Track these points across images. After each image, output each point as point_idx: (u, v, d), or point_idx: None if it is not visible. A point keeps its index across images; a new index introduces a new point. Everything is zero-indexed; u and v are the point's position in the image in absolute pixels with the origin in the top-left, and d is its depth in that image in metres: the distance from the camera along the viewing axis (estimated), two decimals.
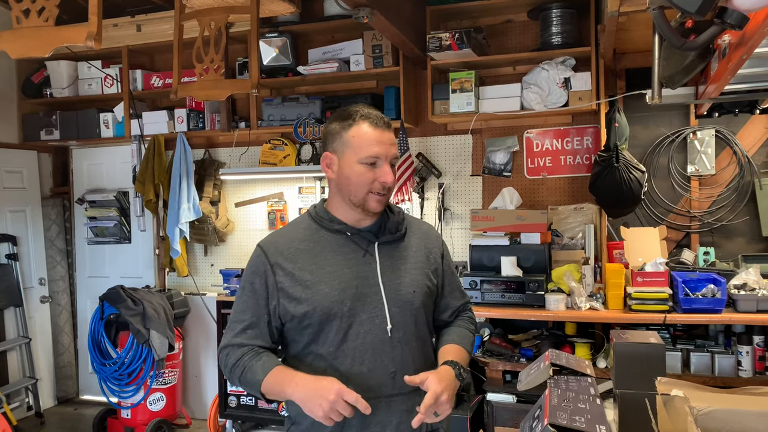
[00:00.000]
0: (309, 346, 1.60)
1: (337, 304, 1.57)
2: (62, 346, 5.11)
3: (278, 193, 4.55)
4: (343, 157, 1.60)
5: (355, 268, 1.61)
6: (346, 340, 1.57)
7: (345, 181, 1.60)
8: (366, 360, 1.57)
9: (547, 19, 3.68)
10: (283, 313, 1.60)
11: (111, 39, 4.46)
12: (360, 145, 1.57)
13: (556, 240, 3.72)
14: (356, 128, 1.58)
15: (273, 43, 4.12)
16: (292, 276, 1.59)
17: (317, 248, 1.63)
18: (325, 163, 1.64)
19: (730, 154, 3.63)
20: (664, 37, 1.73)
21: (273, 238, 1.69)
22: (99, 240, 5.01)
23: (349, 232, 1.64)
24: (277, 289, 1.60)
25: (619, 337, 2.15)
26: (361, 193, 1.59)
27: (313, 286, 1.58)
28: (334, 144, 1.62)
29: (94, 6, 2.10)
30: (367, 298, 1.60)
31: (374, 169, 1.58)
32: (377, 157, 1.58)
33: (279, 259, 1.61)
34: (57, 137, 4.79)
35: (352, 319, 1.58)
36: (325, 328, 1.58)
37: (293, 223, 1.74)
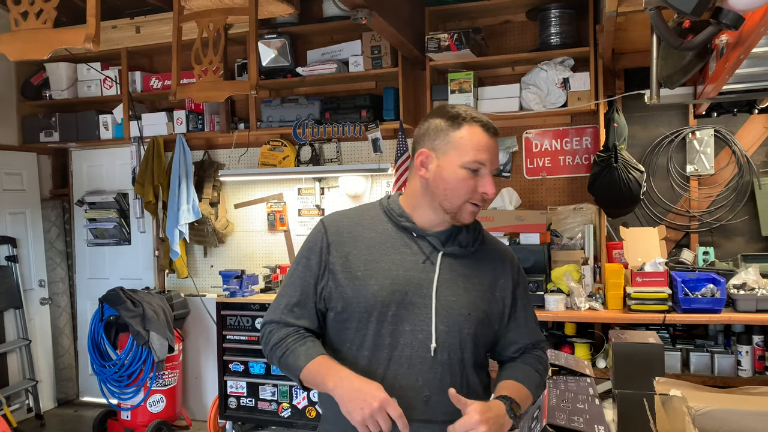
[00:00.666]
0: (345, 345, 1.49)
1: (381, 305, 1.44)
2: (62, 348, 5.11)
3: (278, 194, 4.55)
4: (445, 157, 1.44)
5: (410, 272, 1.47)
6: (382, 348, 1.44)
7: (442, 183, 1.44)
8: (400, 375, 1.43)
9: (546, 20, 3.69)
10: (327, 298, 1.49)
11: (110, 41, 4.46)
12: (468, 148, 1.43)
13: (556, 240, 3.72)
14: (467, 129, 1.44)
15: (272, 44, 4.12)
16: (345, 260, 1.49)
17: (378, 240, 1.50)
18: (419, 160, 1.48)
19: (729, 154, 3.63)
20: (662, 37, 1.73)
21: (337, 216, 1.59)
22: (99, 242, 5.01)
23: (415, 233, 1.51)
24: (327, 270, 1.50)
25: (618, 338, 2.15)
26: (458, 200, 1.45)
27: (361, 278, 1.46)
28: (436, 141, 1.46)
29: (92, 8, 2.10)
30: (414, 308, 1.45)
31: (476, 177, 1.44)
32: (483, 164, 1.44)
33: (337, 238, 1.51)
34: (56, 139, 4.79)
35: (394, 327, 1.44)
36: (363, 327, 1.46)
37: (362, 207, 1.62)
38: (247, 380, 4.17)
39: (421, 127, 1.52)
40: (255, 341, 4.16)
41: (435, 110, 1.52)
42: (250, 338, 4.17)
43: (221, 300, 4.23)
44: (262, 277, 4.32)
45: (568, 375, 2.30)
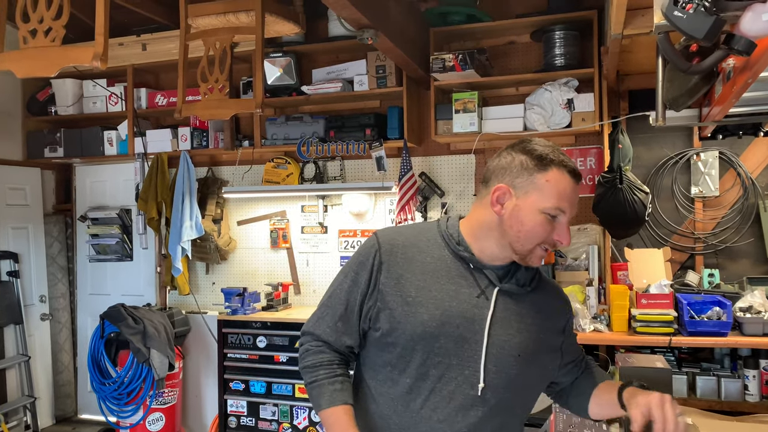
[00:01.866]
0: (386, 367, 1.44)
1: (429, 336, 1.39)
2: (62, 365, 5.07)
3: (281, 211, 4.55)
4: (526, 198, 1.37)
5: (464, 305, 1.41)
6: (426, 378, 1.39)
7: (517, 224, 1.38)
8: (439, 409, 1.38)
9: (550, 41, 3.70)
10: (373, 318, 1.44)
11: (116, 58, 4.49)
12: (552, 194, 1.36)
13: (560, 261, 3.70)
14: (554, 173, 1.37)
15: (277, 62, 4.14)
16: (397, 282, 1.42)
17: (433, 265, 1.44)
18: (496, 195, 1.40)
19: (733, 176, 3.62)
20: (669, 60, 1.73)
21: (393, 234, 1.51)
22: (101, 257, 4.99)
23: (472, 264, 1.44)
24: (377, 290, 1.43)
25: (625, 361, 2.13)
26: (531, 244, 1.38)
27: (412, 305, 1.40)
28: (518, 180, 1.39)
29: (101, 26, 2.11)
30: (464, 343, 1.39)
31: (553, 223, 1.38)
32: (564, 211, 1.38)
33: (390, 258, 1.45)
34: (61, 155, 4.80)
35: (440, 359, 1.39)
36: (407, 354, 1.40)
37: (418, 227, 1.56)
38: (247, 399, 4.13)
39: (500, 159, 1.44)
40: (256, 360, 4.13)
41: (518, 145, 1.43)
42: (251, 356, 4.14)
43: (222, 317, 4.21)
44: (264, 295, 4.30)
45: None
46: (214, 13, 3.29)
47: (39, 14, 2.22)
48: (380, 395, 1.45)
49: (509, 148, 1.44)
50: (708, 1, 1.11)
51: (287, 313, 4.19)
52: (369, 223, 4.34)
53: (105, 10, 2.13)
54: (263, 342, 4.11)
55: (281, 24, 3.43)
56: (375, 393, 1.46)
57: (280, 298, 4.30)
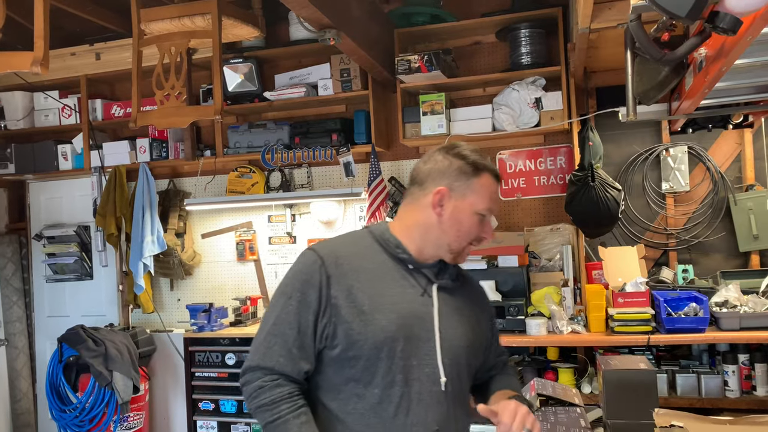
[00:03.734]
0: (350, 382, 1.43)
1: (392, 341, 1.41)
2: (20, 392, 4.81)
3: (247, 222, 4.40)
4: (463, 200, 1.48)
5: (413, 306, 1.47)
6: (394, 385, 1.41)
7: (454, 224, 1.48)
8: (411, 411, 1.42)
9: (516, 40, 3.66)
10: (330, 336, 1.42)
11: (69, 68, 4.31)
12: (484, 196, 1.49)
13: (534, 262, 3.64)
14: (486, 178, 1.50)
15: (238, 69, 4.01)
16: (348, 294, 1.42)
17: (378, 271, 1.47)
18: (437, 197, 1.48)
19: (703, 170, 3.62)
20: (643, 48, 1.67)
21: (332, 247, 1.51)
22: (59, 277, 4.76)
23: (411, 265, 1.51)
24: (329, 305, 1.42)
25: (607, 364, 2.05)
26: (464, 242, 1.50)
27: (369, 313, 1.41)
28: (456, 183, 1.48)
29: (40, 30, 1.96)
30: (420, 342, 1.45)
31: (482, 222, 1.50)
32: (491, 211, 1.52)
33: (337, 270, 1.44)
34: (12, 171, 4.57)
35: (404, 362, 1.42)
36: (373, 365, 1.41)
37: (353, 235, 1.59)
38: (218, 419, 3.97)
39: (435, 162, 1.51)
40: (225, 378, 3.96)
41: (452, 150, 1.51)
42: (220, 375, 3.97)
43: (189, 335, 4.05)
44: (232, 310, 4.13)
45: (556, 405, 2.19)
46: (168, 18, 3.16)
47: None
48: (347, 414, 1.42)
49: (443, 152, 1.52)
50: None
51: (256, 328, 4.03)
52: (339, 230, 4.22)
53: (44, 13, 1.98)
54: (232, 359, 3.95)
55: (240, 27, 3.32)
56: (340, 413, 1.43)
57: (249, 312, 4.14)
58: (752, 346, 3.09)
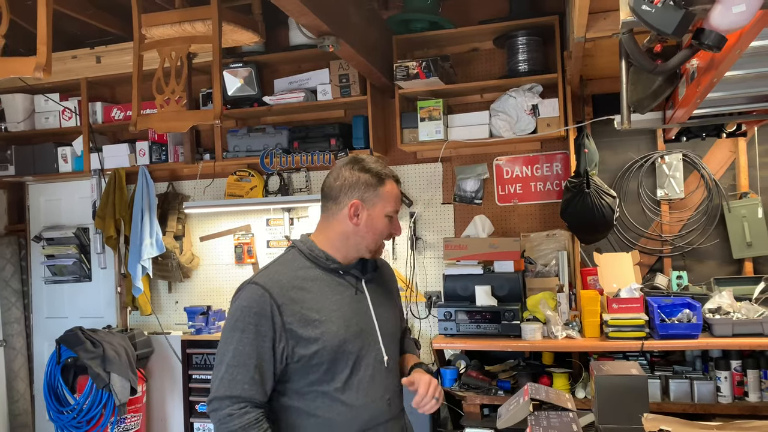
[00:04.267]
0: (314, 385, 1.65)
1: (345, 342, 1.66)
2: (17, 393, 4.83)
3: (245, 225, 4.43)
4: (374, 208, 1.73)
5: (352, 305, 1.72)
6: (352, 375, 1.67)
7: (370, 230, 1.73)
8: (370, 391, 1.70)
9: (513, 47, 3.69)
10: (290, 354, 1.62)
11: (69, 71, 4.34)
12: (390, 201, 1.74)
13: (530, 267, 3.67)
14: (389, 185, 1.75)
15: (238, 73, 4.04)
16: (300, 315, 1.62)
17: (316, 287, 1.69)
18: (352, 210, 1.71)
19: (697, 178, 3.65)
20: (635, 61, 1.70)
21: (272, 276, 1.68)
22: (57, 279, 4.78)
23: (341, 271, 1.75)
24: (284, 330, 1.61)
25: (600, 369, 2.07)
26: (379, 241, 1.77)
27: (321, 325, 1.63)
28: (366, 194, 1.72)
29: (43, 36, 1.99)
30: (366, 333, 1.72)
31: (391, 222, 1.77)
32: (397, 212, 1.79)
33: (284, 299, 1.62)
34: (12, 173, 4.59)
35: (357, 354, 1.69)
36: (334, 366, 1.65)
37: (284, 260, 1.76)
38: None
39: (342, 178, 1.73)
40: None
41: (356, 165, 1.74)
42: None
43: (186, 338, 4.08)
44: None
45: (549, 410, 2.21)
46: (169, 23, 3.19)
47: None
48: (317, 408, 1.65)
49: (348, 168, 1.74)
50: None
51: None
52: None
53: (47, 19, 2.01)
54: None
55: (240, 33, 3.35)
56: (308, 409, 1.65)
57: None
58: (745, 352, 3.12)
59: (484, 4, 3.96)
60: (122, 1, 3.88)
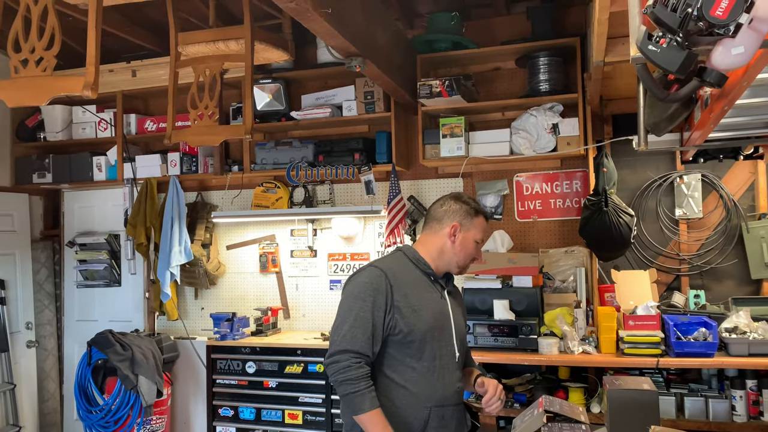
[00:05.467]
0: (406, 359, 2.03)
1: (432, 330, 2.05)
2: (47, 393, 5.00)
3: (270, 235, 4.56)
4: (468, 233, 2.16)
5: (439, 305, 2.12)
6: (435, 358, 2.05)
7: (463, 249, 2.15)
8: (446, 376, 2.08)
9: (535, 67, 3.78)
10: (393, 327, 2.00)
11: (106, 84, 4.52)
12: (480, 230, 2.19)
13: (548, 283, 3.73)
14: (481, 218, 2.20)
15: (267, 88, 4.18)
16: (405, 298, 2.02)
17: (417, 282, 2.10)
18: (452, 230, 2.14)
19: (716, 198, 3.69)
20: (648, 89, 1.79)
21: (387, 264, 2.09)
22: (88, 283, 4.96)
23: (432, 277, 2.15)
24: (393, 306, 2.00)
25: (612, 384, 2.14)
26: (467, 260, 2.18)
27: (419, 311, 2.03)
28: (464, 220, 2.16)
29: (92, 56, 2.14)
30: (445, 329, 2.11)
31: (477, 248, 2.19)
32: (483, 241, 2.27)
33: (395, 282, 2.03)
34: (49, 180, 4.79)
35: (438, 343, 2.06)
36: (422, 346, 2.03)
37: (394, 258, 2.17)
38: (236, 426, 4.10)
39: (449, 205, 2.19)
40: (245, 385, 4.10)
41: (459, 198, 2.21)
42: (240, 382, 4.11)
43: (211, 343, 4.19)
44: (253, 320, 4.28)
45: (563, 422, 2.28)
46: (204, 41, 3.34)
47: (30, 44, 2.24)
48: (405, 380, 2.02)
49: (454, 199, 2.21)
50: (680, 37, 1.16)
51: (277, 338, 4.18)
52: (358, 246, 4.36)
53: (96, 41, 2.16)
54: (252, 367, 4.09)
55: (270, 51, 3.49)
56: (400, 380, 2.02)
57: (270, 322, 4.29)
58: (761, 372, 3.14)
59: (506, 25, 4.06)
60: (157, 17, 4.07)
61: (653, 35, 1.21)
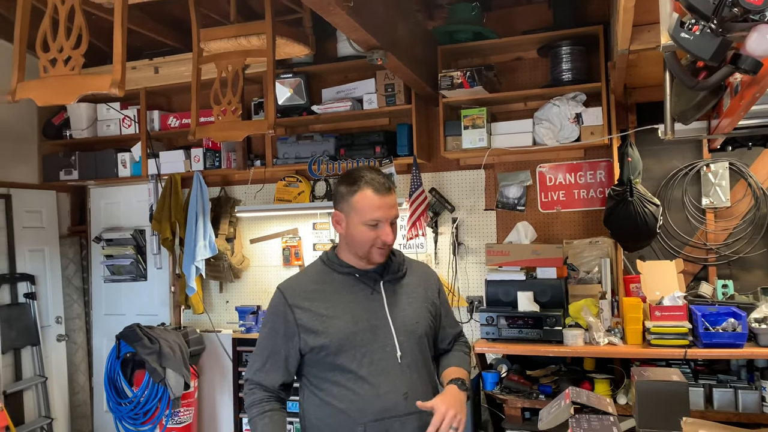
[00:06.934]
0: (328, 373, 1.83)
1: (351, 336, 1.80)
2: (78, 385, 5.11)
3: (293, 229, 4.59)
4: (349, 218, 1.83)
5: (365, 303, 1.86)
6: (362, 367, 1.80)
7: (351, 238, 1.85)
8: (381, 384, 1.80)
9: (557, 56, 3.74)
10: (303, 346, 1.83)
11: (129, 81, 4.51)
12: (363, 210, 1.80)
13: (572, 274, 3.71)
14: (360, 194, 1.81)
15: (288, 83, 4.20)
16: (309, 312, 1.83)
17: (329, 288, 1.87)
18: (335, 220, 1.89)
19: (744, 187, 3.62)
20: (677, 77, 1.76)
21: (290, 282, 1.94)
22: (115, 278, 5.04)
23: (357, 274, 1.89)
24: (297, 326, 1.82)
25: (641, 375, 2.13)
26: (365, 248, 1.83)
27: (328, 320, 1.81)
28: (341, 205, 1.85)
29: (119, 55, 2.17)
30: (377, 329, 1.83)
31: (376, 230, 1.82)
32: (378, 220, 1.81)
33: (296, 299, 1.85)
34: (76, 177, 4.87)
35: (365, 348, 1.81)
36: (340, 357, 1.80)
37: (308, 268, 2.00)
38: None
39: (333, 191, 1.95)
40: None
41: (340, 177, 1.91)
42: None
43: (237, 336, 4.24)
44: None
45: (590, 413, 2.27)
46: (225, 37, 3.36)
47: (59, 44, 2.28)
48: (333, 398, 1.81)
49: (337, 182, 1.91)
50: (714, 23, 1.14)
51: None
52: None
53: (122, 40, 2.19)
54: None
55: (291, 46, 3.50)
56: (327, 398, 1.82)
57: None
58: None
59: (528, 15, 4.02)
60: (178, 14, 4.10)
61: (685, 22, 1.19)
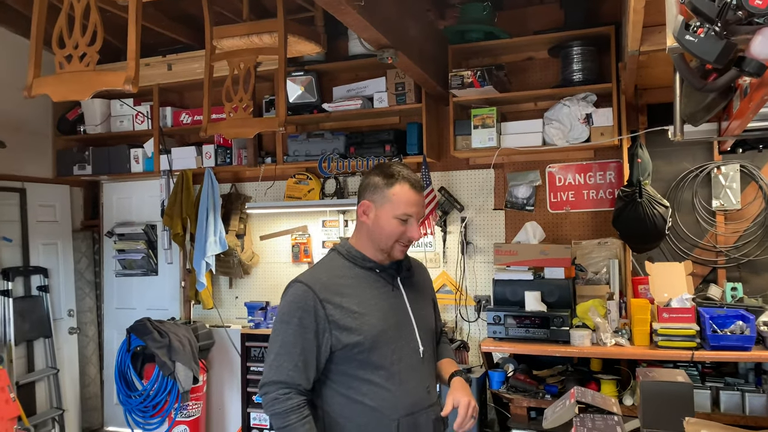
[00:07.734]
0: (358, 371, 1.78)
1: (383, 333, 1.79)
2: (89, 378, 5.18)
3: (302, 226, 4.62)
4: (381, 209, 1.82)
5: (389, 300, 1.86)
6: (393, 364, 1.80)
7: (378, 229, 1.82)
8: (410, 379, 1.83)
9: (568, 57, 3.74)
10: (335, 343, 1.76)
11: (143, 78, 4.51)
12: (399, 203, 1.80)
13: (580, 275, 3.71)
14: (399, 187, 1.81)
15: (299, 81, 4.23)
16: (341, 308, 1.76)
17: (356, 283, 1.83)
18: (362, 209, 1.86)
19: (755, 189, 3.61)
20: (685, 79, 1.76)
21: (314, 275, 1.84)
22: (127, 272, 5.10)
23: (377, 269, 1.87)
24: (328, 322, 1.75)
25: (646, 375, 2.13)
26: (389, 242, 1.83)
27: (361, 317, 1.77)
28: (374, 195, 1.83)
29: (133, 52, 2.20)
30: (403, 326, 1.86)
31: (405, 225, 1.82)
32: (411, 216, 1.83)
33: (326, 294, 1.77)
34: (89, 172, 4.93)
35: (395, 345, 1.81)
36: (375, 354, 1.77)
37: (327, 261, 1.92)
38: None
39: (363, 181, 1.88)
40: None
41: (375, 168, 1.88)
42: None
43: (246, 331, 4.28)
44: None
45: (595, 413, 2.27)
46: (238, 35, 3.39)
47: (74, 40, 2.32)
48: (364, 396, 1.78)
49: (370, 172, 1.88)
50: (718, 26, 1.15)
51: None
52: None
53: (136, 37, 2.22)
54: None
55: (303, 44, 3.53)
56: (356, 397, 1.78)
57: None
58: None
59: (539, 15, 4.02)
60: (192, 12, 4.14)
61: (690, 24, 1.20)
